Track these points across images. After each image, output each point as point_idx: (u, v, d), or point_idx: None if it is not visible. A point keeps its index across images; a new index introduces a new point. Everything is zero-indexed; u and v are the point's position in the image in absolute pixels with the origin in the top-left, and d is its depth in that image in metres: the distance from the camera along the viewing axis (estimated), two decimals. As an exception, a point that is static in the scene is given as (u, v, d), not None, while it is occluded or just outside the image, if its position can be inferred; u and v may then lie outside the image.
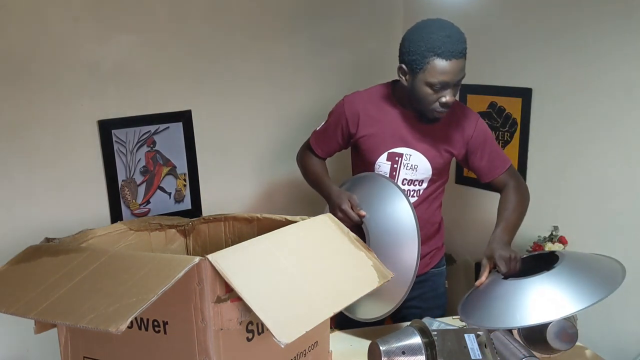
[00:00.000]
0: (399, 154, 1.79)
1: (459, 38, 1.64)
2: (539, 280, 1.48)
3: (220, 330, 1.11)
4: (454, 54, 1.61)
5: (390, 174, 1.80)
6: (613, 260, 1.50)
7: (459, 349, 1.37)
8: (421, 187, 1.83)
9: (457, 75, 1.65)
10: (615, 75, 2.10)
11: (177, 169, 2.28)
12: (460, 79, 1.67)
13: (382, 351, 1.37)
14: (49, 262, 1.20)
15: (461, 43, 1.64)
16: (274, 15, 2.43)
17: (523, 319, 1.41)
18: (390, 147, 1.79)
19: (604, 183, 2.19)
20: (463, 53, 1.64)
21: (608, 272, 1.48)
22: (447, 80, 1.64)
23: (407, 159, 1.78)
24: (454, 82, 1.65)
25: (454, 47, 1.61)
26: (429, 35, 1.63)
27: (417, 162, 1.79)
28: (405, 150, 1.78)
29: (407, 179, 1.80)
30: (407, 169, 1.79)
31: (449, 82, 1.64)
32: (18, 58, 1.89)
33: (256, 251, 1.17)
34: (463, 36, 1.66)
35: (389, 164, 1.79)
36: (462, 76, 1.67)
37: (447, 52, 1.61)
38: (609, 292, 1.41)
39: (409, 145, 1.78)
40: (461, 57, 1.63)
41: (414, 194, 1.83)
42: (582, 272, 1.50)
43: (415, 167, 1.79)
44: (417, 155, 1.78)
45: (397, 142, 1.79)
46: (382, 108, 1.80)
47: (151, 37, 2.14)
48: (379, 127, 1.80)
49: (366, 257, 1.38)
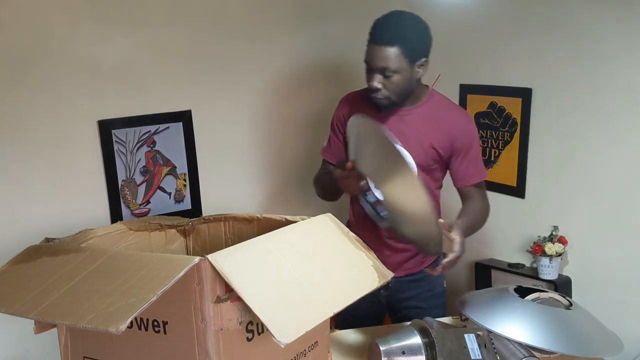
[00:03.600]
0: None
1: (390, 27, 1.65)
2: (553, 312, 1.49)
3: (220, 330, 1.11)
4: (377, 40, 1.64)
5: None
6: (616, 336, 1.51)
7: (459, 349, 1.37)
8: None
9: (378, 60, 1.65)
10: (615, 75, 2.10)
11: (177, 169, 2.28)
12: (383, 67, 1.66)
13: (382, 351, 1.37)
14: (49, 262, 1.20)
15: (390, 31, 1.65)
16: (274, 15, 2.43)
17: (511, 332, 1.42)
18: None
19: (604, 183, 2.19)
20: (386, 41, 1.63)
21: (611, 337, 1.49)
22: (369, 63, 1.67)
23: None
24: (377, 68, 1.66)
25: (380, 32, 1.65)
26: (374, 22, 1.70)
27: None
28: None
29: None
30: None
31: (371, 67, 1.67)
32: (18, 58, 1.89)
33: (256, 251, 1.17)
34: (400, 28, 1.66)
35: None
36: (387, 67, 1.65)
37: (373, 35, 1.66)
38: (605, 354, 1.42)
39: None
40: (384, 45, 1.63)
41: None
42: (593, 325, 1.52)
43: None
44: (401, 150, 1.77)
45: None
46: (369, 105, 1.80)
47: (151, 37, 2.14)
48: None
49: (366, 257, 1.38)
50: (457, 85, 2.63)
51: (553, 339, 1.39)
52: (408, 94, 1.75)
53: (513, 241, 2.53)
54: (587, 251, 2.29)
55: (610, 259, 2.22)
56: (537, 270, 2.37)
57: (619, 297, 2.20)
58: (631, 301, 2.17)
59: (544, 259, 2.32)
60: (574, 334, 1.43)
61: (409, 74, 1.69)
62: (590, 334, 1.46)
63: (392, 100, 1.73)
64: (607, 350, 1.42)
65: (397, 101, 1.74)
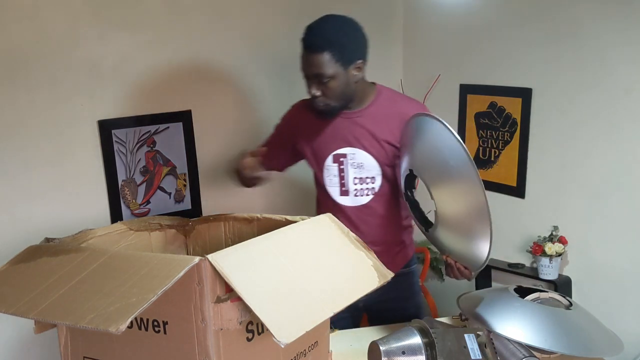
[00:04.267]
0: (343, 154, 1.80)
1: (319, 33, 1.65)
2: (550, 312, 1.48)
3: (220, 330, 1.11)
4: (308, 47, 1.64)
5: (339, 175, 1.81)
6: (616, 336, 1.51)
7: (459, 349, 1.37)
8: (374, 184, 1.81)
9: (311, 68, 1.65)
10: (615, 75, 2.10)
11: (177, 169, 2.28)
12: (318, 74, 1.65)
13: (382, 351, 1.37)
14: (49, 262, 1.20)
15: (319, 37, 1.64)
16: (273, 14, 2.43)
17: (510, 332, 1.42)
18: (334, 148, 1.80)
19: (604, 183, 2.19)
20: (318, 48, 1.62)
21: (611, 337, 1.49)
22: (304, 71, 1.67)
23: (352, 157, 1.79)
24: (311, 74, 1.66)
25: (309, 39, 1.65)
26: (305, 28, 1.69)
27: (362, 159, 1.79)
28: (348, 150, 1.79)
29: (357, 177, 1.80)
30: (354, 168, 1.80)
31: (306, 74, 1.67)
32: (18, 58, 1.89)
33: (256, 251, 1.17)
34: (328, 33, 1.65)
35: (336, 166, 1.81)
36: (321, 73, 1.64)
37: (304, 43, 1.66)
38: (605, 354, 1.42)
39: (351, 144, 1.78)
40: (315, 51, 1.63)
41: (368, 192, 1.82)
42: (593, 325, 1.52)
43: (361, 165, 1.79)
44: (360, 152, 1.78)
45: (339, 143, 1.79)
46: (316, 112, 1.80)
47: (151, 37, 2.14)
48: (320, 132, 1.81)
49: (366, 257, 1.38)
50: (457, 85, 2.64)
51: (553, 339, 1.39)
52: (349, 97, 1.74)
53: (513, 241, 2.53)
54: (587, 251, 2.29)
55: (610, 259, 2.22)
56: (537, 270, 2.37)
57: (619, 297, 2.20)
58: (631, 301, 2.17)
59: (544, 259, 2.32)
60: (574, 334, 1.43)
61: (345, 77, 1.68)
62: (590, 334, 1.46)
63: (333, 106, 1.73)
64: (607, 350, 1.42)
65: (338, 106, 1.74)
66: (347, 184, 1.81)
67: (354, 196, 1.82)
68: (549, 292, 1.59)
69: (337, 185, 1.82)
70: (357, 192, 1.82)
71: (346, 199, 1.83)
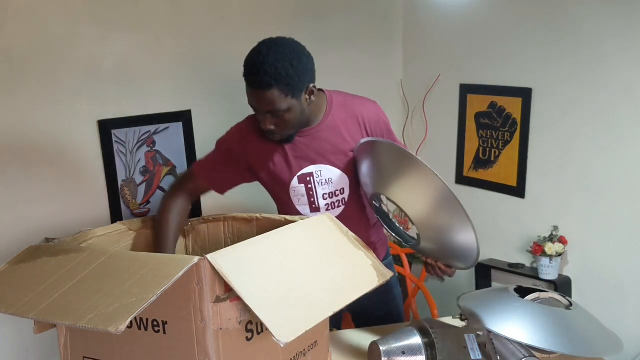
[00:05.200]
0: (309, 173, 1.69)
1: (261, 69, 1.49)
2: (549, 312, 1.48)
3: (220, 330, 1.11)
4: (252, 84, 1.52)
5: (307, 194, 1.71)
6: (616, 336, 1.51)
7: (459, 349, 1.37)
8: (344, 195, 1.73)
9: (261, 105, 1.54)
10: (615, 75, 2.10)
11: (177, 169, 2.28)
12: (272, 109, 1.53)
13: (382, 351, 1.37)
14: (48, 263, 1.20)
15: (262, 75, 1.49)
16: (274, 14, 2.43)
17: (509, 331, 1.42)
18: (298, 169, 1.69)
19: (604, 183, 2.19)
20: (262, 85, 1.49)
21: (611, 337, 1.49)
22: (254, 107, 1.57)
23: (319, 175, 1.69)
24: (262, 111, 1.56)
25: (253, 77, 1.51)
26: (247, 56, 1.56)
27: (330, 174, 1.70)
28: (313, 167, 1.69)
29: (326, 192, 1.71)
30: (322, 185, 1.70)
31: (256, 108, 1.57)
32: (18, 58, 1.89)
33: (255, 251, 1.17)
34: (272, 67, 1.48)
35: (303, 186, 1.70)
36: (275, 108, 1.53)
37: (247, 79, 1.54)
38: (605, 354, 1.42)
39: (315, 162, 1.69)
40: (260, 89, 1.50)
41: (339, 204, 1.73)
42: (593, 325, 1.52)
43: (330, 181, 1.70)
44: (327, 168, 1.69)
45: (302, 164, 1.69)
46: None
47: (151, 37, 2.14)
48: (277, 155, 1.70)
49: (365, 257, 1.39)
50: (457, 85, 2.64)
51: (553, 339, 1.39)
52: (306, 121, 1.65)
53: (513, 241, 2.53)
54: (587, 251, 2.29)
55: (610, 259, 2.22)
56: (537, 270, 2.37)
57: (619, 297, 2.20)
58: (631, 301, 2.17)
59: (544, 259, 2.32)
60: (574, 334, 1.43)
61: (300, 106, 1.57)
62: (590, 334, 1.46)
63: (290, 134, 1.64)
64: (607, 350, 1.42)
65: (294, 133, 1.65)
66: (317, 201, 1.72)
67: (325, 211, 1.73)
68: (549, 292, 1.58)
69: (307, 204, 1.72)
70: (328, 207, 1.73)
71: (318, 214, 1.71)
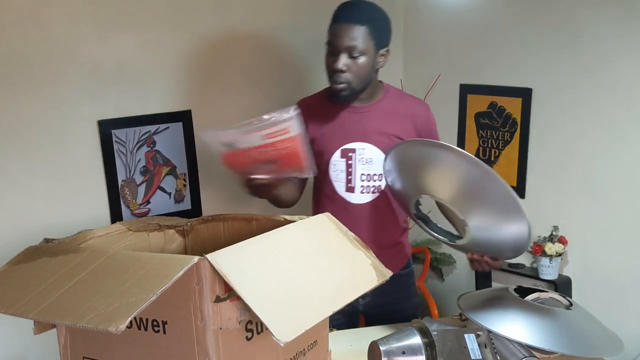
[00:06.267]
0: (352, 149, 1.77)
1: (358, 7, 1.66)
2: (548, 313, 1.48)
3: (220, 329, 1.11)
4: (346, 18, 1.64)
5: (346, 170, 1.78)
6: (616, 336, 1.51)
7: (459, 349, 1.37)
8: (381, 182, 1.79)
9: (346, 39, 1.63)
10: (615, 75, 2.10)
11: (177, 169, 2.28)
12: (351, 46, 1.64)
13: (382, 351, 1.37)
14: (48, 263, 1.20)
15: (359, 11, 1.65)
16: (274, 15, 2.43)
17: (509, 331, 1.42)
18: (342, 143, 1.77)
19: (604, 183, 2.19)
20: (355, 19, 1.63)
21: (611, 337, 1.49)
22: (334, 42, 1.65)
23: (361, 153, 1.77)
24: (342, 47, 1.64)
25: (348, 11, 1.65)
26: (338, 6, 1.70)
27: (372, 154, 1.77)
28: (357, 144, 1.77)
29: (365, 173, 1.78)
30: (362, 164, 1.77)
31: (336, 45, 1.65)
32: (18, 58, 1.89)
33: (255, 250, 1.17)
34: (367, 8, 1.67)
35: (344, 161, 1.78)
36: (355, 46, 1.63)
37: (339, 15, 1.66)
38: (604, 354, 1.42)
39: (361, 139, 1.77)
40: (351, 22, 1.63)
41: (374, 190, 1.79)
42: (593, 325, 1.52)
43: (370, 161, 1.77)
44: (370, 147, 1.77)
45: (348, 138, 1.77)
46: (328, 107, 1.80)
47: (151, 38, 2.14)
48: (326, 126, 1.79)
49: (365, 256, 1.38)
50: (457, 85, 2.64)
51: (553, 339, 1.39)
52: (367, 84, 1.73)
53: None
54: (587, 251, 2.29)
55: (610, 259, 2.22)
56: (537, 270, 2.37)
57: (619, 297, 2.20)
58: (631, 301, 2.17)
59: (544, 259, 2.32)
60: (574, 334, 1.43)
61: (373, 59, 1.68)
62: (590, 334, 1.46)
63: (353, 86, 1.70)
64: (607, 350, 1.42)
65: (356, 89, 1.71)
66: (354, 180, 1.78)
67: (359, 193, 1.79)
68: (549, 292, 1.59)
69: (344, 181, 1.79)
70: (363, 189, 1.79)
71: (351, 195, 1.80)
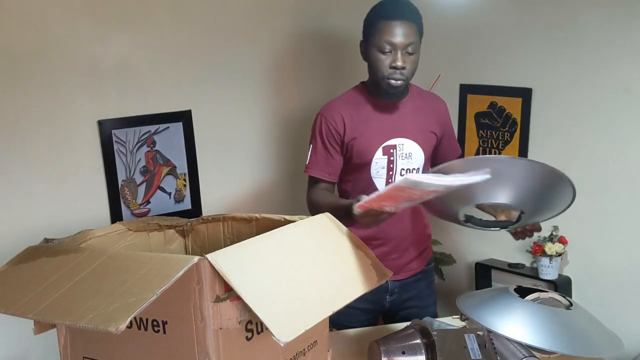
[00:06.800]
0: (393, 145, 1.79)
1: (406, 4, 1.69)
2: (550, 312, 1.48)
3: (220, 329, 1.11)
4: (397, 15, 1.65)
5: (387, 167, 1.79)
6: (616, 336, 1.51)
7: (459, 349, 1.37)
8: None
9: (403, 37, 1.65)
10: (615, 75, 2.10)
11: (177, 169, 2.28)
12: (408, 43, 1.66)
13: (382, 351, 1.37)
14: (48, 263, 1.20)
15: (406, 7, 1.68)
16: (274, 15, 2.44)
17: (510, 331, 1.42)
18: (384, 140, 1.79)
19: (604, 183, 2.19)
20: (407, 16, 1.66)
21: (611, 337, 1.49)
22: (392, 40, 1.66)
23: (401, 148, 1.79)
24: (401, 45, 1.66)
25: (397, 8, 1.67)
26: (379, 4, 1.72)
27: (411, 149, 1.80)
28: (397, 140, 1.79)
29: (405, 168, 1.80)
30: (402, 159, 1.80)
31: (395, 43, 1.66)
32: (18, 58, 1.89)
33: (255, 250, 1.17)
34: (413, 7, 1.70)
35: (386, 158, 1.79)
36: (412, 42, 1.66)
37: (389, 12, 1.66)
38: (606, 354, 1.41)
39: (400, 135, 1.79)
40: (405, 19, 1.65)
41: None
42: (593, 325, 1.52)
43: (409, 155, 1.80)
44: (409, 142, 1.80)
45: (388, 135, 1.79)
46: (361, 106, 1.81)
47: (151, 37, 2.14)
48: (366, 125, 1.79)
49: (365, 256, 1.38)
50: (457, 85, 2.64)
51: (553, 339, 1.39)
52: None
53: (513, 241, 2.52)
54: (587, 251, 2.29)
55: (610, 259, 2.22)
56: (537, 270, 2.37)
57: (619, 297, 2.20)
58: (631, 301, 2.17)
59: (544, 259, 2.32)
60: (574, 334, 1.43)
61: (419, 53, 1.72)
62: (590, 334, 1.46)
63: (406, 83, 1.75)
64: (607, 350, 1.42)
65: (406, 85, 1.77)
66: (394, 175, 1.80)
67: None
68: (549, 292, 1.58)
69: (384, 177, 1.80)
70: None
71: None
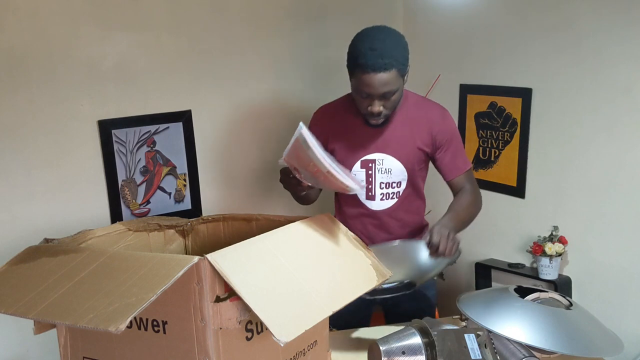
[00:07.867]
0: (372, 160, 1.80)
1: (382, 52, 1.60)
2: (549, 312, 1.48)
3: (220, 329, 1.11)
4: (374, 68, 1.59)
5: (366, 180, 1.81)
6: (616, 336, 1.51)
7: (459, 349, 1.37)
8: (400, 188, 1.84)
9: (380, 88, 1.63)
10: (615, 75, 2.10)
11: (177, 169, 2.28)
12: (388, 90, 1.64)
13: (382, 351, 1.37)
14: (48, 263, 1.20)
15: (385, 57, 1.60)
16: (274, 14, 2.44)
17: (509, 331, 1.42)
18: (363, 154, 1.80)
19: (604, 183, 2.19)
20: (386, 67, 1.60)
21: (611, 337, 1.49)
22: (369, 92, 1.64)
23: (380, 163, 1.80)
24: (378, 94, 1.64)
25: (375, 61, 1.59)
26: (355, 46, 1.66)
27: (390, 165, 1.80)
28: (377, 155, 1.79)
29: (384, 182, 1.82)
30: (382, 174, 1.81)
31: (371, 94, 1.65)
32: (18, 58, 1.89)
33: (255, 250, 1.17)
34: (392, 50, 1.62)
35: (364, 171, 1.81)
36: (391, 89, 1.64)
37: (367, 65, 1.60)
38: (607, 353, 1.42)
39: (380, 150, 1.79)
40: (383, 71, 1.60)
41: (393, 196, 1.84)
42: (593, 325, 1.52)
43: (389, 171, 1.80)
44: (389, 158, 1.79)
45: (368, 149, 1.79)
46: (348, 117, 1.82)
47: (151, 37, 2.14)
48: (347, 136, 1.81)
49: (365, 256, 1.39)
50: (457, 85, 2.64)
51: (553, 339, 1.39)
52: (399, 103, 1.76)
53: (513, 241, 2.53)
54: (587, 251, 2.29)
55: (610, 259, 2.22)
56: (537, 270, 2.37)
57: (619, 297, 2.20)
58: (631, 301, 2.17)
59: (544, 259, 2.32)
60: (574, 334, 1.43)
61: (402, 88, 1.71)
62: (590, 334, 1.46)
63: (388, 115, 1.75)
64: (607, 350, 1.42)
65: (390, 114, 1.75)
66: (374, 189, 1.82)
67: (379, 200, 1.83)
68: (549, 292, 1.59)
69: (364, 190, 1.83)
70: (382, 197, 1.83)
71: (372, 202, 1.85)
